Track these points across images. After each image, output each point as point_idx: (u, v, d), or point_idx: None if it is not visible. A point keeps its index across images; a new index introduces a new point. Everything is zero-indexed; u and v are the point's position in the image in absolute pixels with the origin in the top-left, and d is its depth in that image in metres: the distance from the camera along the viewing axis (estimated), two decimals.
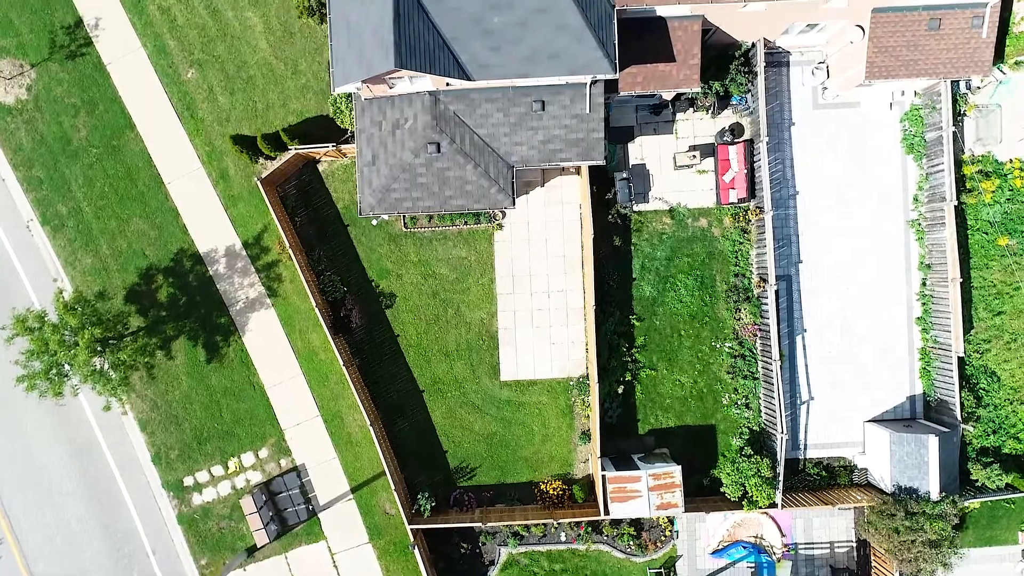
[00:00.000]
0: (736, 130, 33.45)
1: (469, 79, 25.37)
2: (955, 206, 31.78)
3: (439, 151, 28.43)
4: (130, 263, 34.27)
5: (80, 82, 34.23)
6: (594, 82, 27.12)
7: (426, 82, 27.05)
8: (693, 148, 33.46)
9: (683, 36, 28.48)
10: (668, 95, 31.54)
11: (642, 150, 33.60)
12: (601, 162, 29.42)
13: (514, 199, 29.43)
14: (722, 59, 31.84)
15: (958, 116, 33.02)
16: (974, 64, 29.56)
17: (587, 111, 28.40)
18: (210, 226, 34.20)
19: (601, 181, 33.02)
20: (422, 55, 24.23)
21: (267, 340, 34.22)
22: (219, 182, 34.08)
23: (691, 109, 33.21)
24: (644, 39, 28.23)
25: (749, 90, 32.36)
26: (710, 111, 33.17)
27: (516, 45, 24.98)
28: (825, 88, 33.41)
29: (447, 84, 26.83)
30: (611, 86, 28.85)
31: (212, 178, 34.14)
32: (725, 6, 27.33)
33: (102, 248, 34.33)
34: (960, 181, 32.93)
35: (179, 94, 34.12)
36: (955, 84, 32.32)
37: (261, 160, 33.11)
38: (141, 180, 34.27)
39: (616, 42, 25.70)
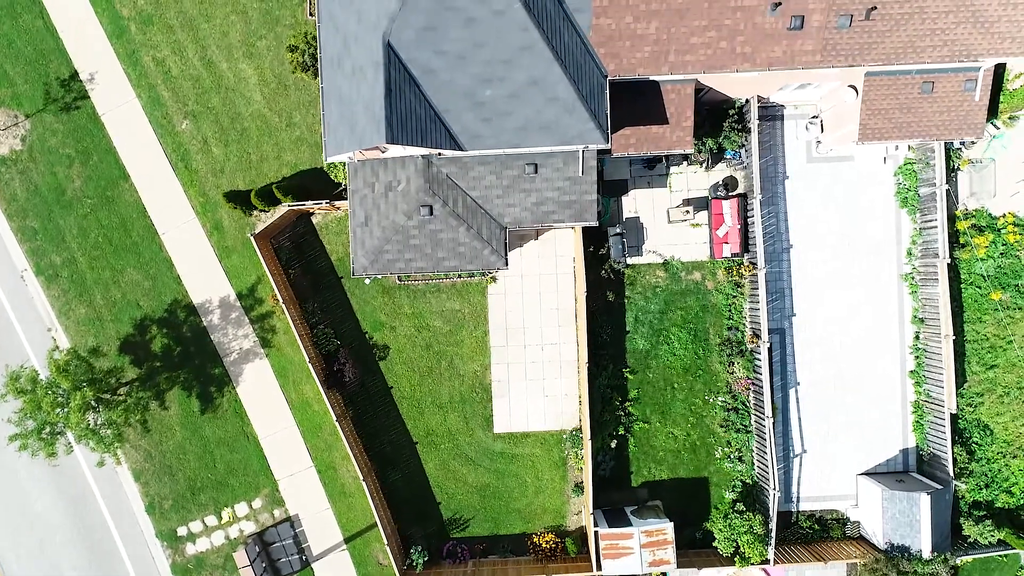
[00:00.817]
0: (730, 184, 33.47)
1: (461, 149, 25.39)
2: (948, 263, 31.80)
3: (432, 213, 28.45)
4: (124, 313, 34.30)
5: (75, 133, 34.26)
6: (586, 149, 27.11)
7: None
8: (687, 202, 33.49)
9: (676, 99, 28.48)
10: None
11: (636, 203, 33.62)
12: (594, 223, 29.45)
13: (507, 260, 29.45)
14: (716, 115, 31.87)
15: (952, 171, 33.07)
16: (967, 126, 29.56)
17: (580, 174, 28.41)
18: (204, 277, 34.23)
19: (595, 236, 33.04)
20: (414, 129, 24.25)
21: (261, 391, 34.26)
22: (213, 233, 34.10)
23: (685, 163, 33.25)
24: (637, 102, 28.23)
25: (743, 145, 32.39)
26: (704, 165, 33.19)
27: (508, 116, 25.00)
28: (819, 142, 33.43)
29: (439, 154, 26.85)
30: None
31: (206, 229, 34.16)
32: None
33: (96, 298, 34.36)
34: (953, 236, 32.97)
35: (173, 145, 34.14)
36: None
37: (255, 212, 33.13)
38: (135, 231, 34.30)
39: (608, 112, 25.72)
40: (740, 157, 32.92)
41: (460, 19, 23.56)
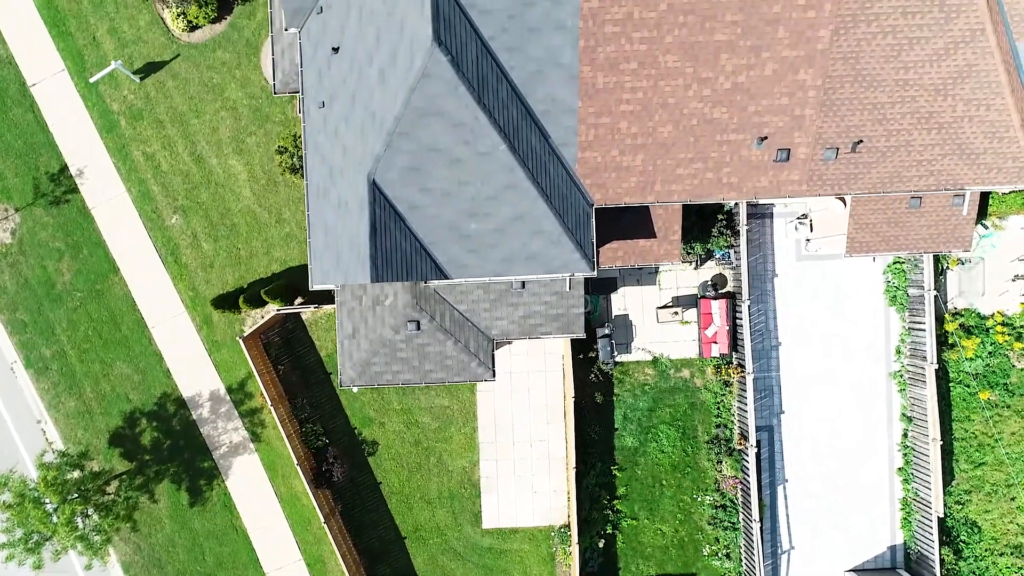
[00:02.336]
0: (719, 282, 33.51)
1: (447, 278, 25.43)
2: (935, 369, 31.85)
3: (419, 328, 28.50)
4: (114, 407, 34.37)
5: (64, 226, 34.29)
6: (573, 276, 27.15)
7: None
8: (676, 300, 33.53)
9: (663, 214, 28.53)
10: None
11: (625, 300, 33.65)
12: (581, 335, 29.53)
13: (494, 372, 29.53)
14: (705, 217, 31.87)
15: (940, 272, 33.09)
16: (955, 239, 29.62)
17: (567, 289, 28.46)
18: (194, 371, 34.28)
19: (584, 335, 33.02)
20: (399, 264, 24.30)
21: (250, 484, 34.33)
22: (203, 327, 34.14)
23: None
24: (624, 216, 28.28)
25: (732, 245, 32.40)
26: (694, 264, 33.22)
27: (494, 248, 25.05)
28: (808, 240, 33.44)
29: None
30: None
31: (196, 323, 34.20)
32: None
33: (86, 391, 34.42)
34: (942, 336, 32.99)
35: (163, 239, 34.18)
36: None
37: (244, 308, 33.17)
38: (125, 324, 34.35)
39: (594, 240, 25.76)
40: (729, 257, 32.94)
41: (445, 159, 23.60)
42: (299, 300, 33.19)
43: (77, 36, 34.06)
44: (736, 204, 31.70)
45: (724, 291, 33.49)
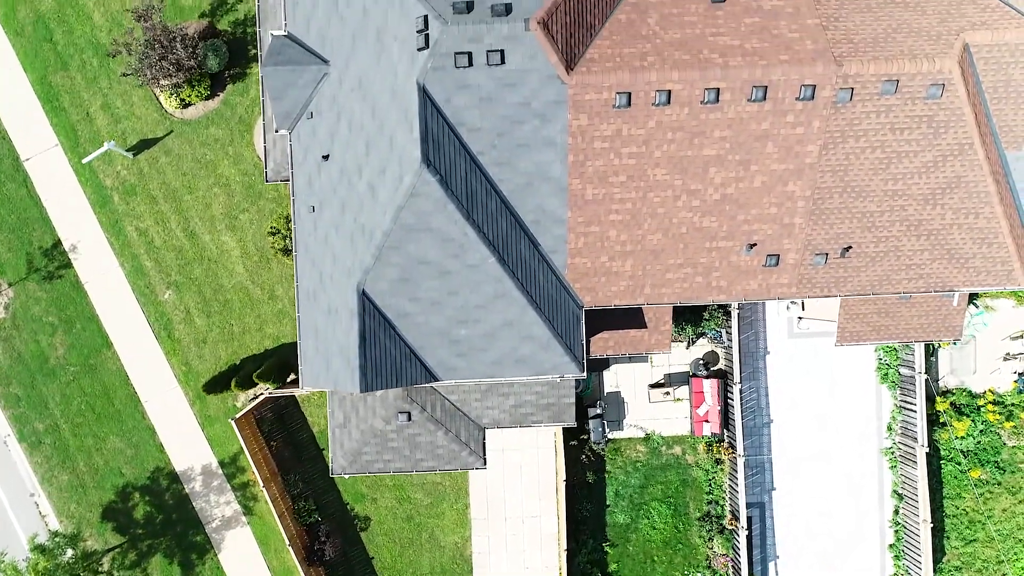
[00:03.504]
0: (711, 360, 33.57)
1: (437, 380, 25.48)
2: (927, 452, 31.90)
3: (410, 419, 28.58)
4: (107, 481, 34.43)
5: (58, 301, 34.33)
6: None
7: None
8: (668, 377, 33.60)
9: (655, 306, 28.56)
10: None
11: (617, 378, 33.71)
12: (572, 424, 29.62)
13: (485, 460, 29.61)
14: None
15: (932, 352, 33.12)
16: (945, 329, 29.68)
17: (558, 380, 28.51)
18: (187, 445, 34.35)
19: (576, 412, 33.07)
20: (389, 371, 24.35)
21: (243, 558, 34.39)
22: (196, 402, 34.20)
23: None
24: (615, 309, 28.29)
25: (723, 326, 32.46)
26: (686, 344, 33.27)
27: (484, 352, 25.09)
28: (800, 319, 33.50)
29: None
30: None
31: (189, 398, 34.26)
32: None
33: (79, 465, 34.48)
34: (934, 415, 33.04)
35: (156, 314, 34.22)
36: None
37: (236, 391, 33.21)
38: (118, 398, 34.40)
39: (584, 342, 25.79)
40: (721, 337, 33.00)
41: (434, 271, 23.64)
42: (291, 377, 33.24)
43: (71, 112, 34.08)
44: None
45: (716, 369, 33.56)
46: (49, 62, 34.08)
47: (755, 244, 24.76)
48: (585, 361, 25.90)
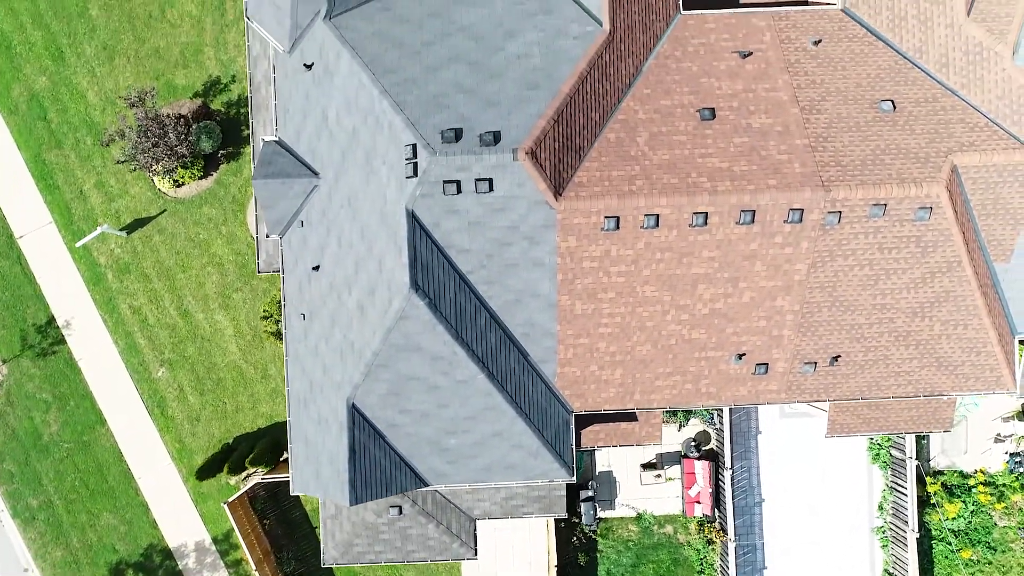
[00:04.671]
0: (702, 440, 33.66)
1: (426, 485, 25.58)
2: (918, 535, 32.01)
3: (401, 513, 28.67)
4: (100, 557, 34.53)
5: (51, 378, 34.42)
6: None
7: None
8: (660, 457, 33.69)
9: None
10: None
11: (609, 458, 33.80)
12: (563, 516, 29.73)
13: (476, 551, 29.71)
14: None
15: (923, 435, 33.20)
16: (936, 421, 29.75)
17: None
18: (180, 522, 34.46)
19: (568, 493, 33.21)
20: (379, 481, 24.45)
21: None
22: (189, 478, 34.29)
23: None
24: None
25: (716, 409, 32.57)
26: (677, 425, 33.37)
27: (474, 459, 25.19)
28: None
29: None
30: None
31: (182, 475, 34.37)
32: None
33: (73, 542, 34.59)
34: (925, 496, 33.12)
35: (150, 392, 34.32)
36: None
37: (228, 476, 33.31)
38: (112, 475, 34.51)
39: (573, 445, 25.88)
40: (713, 419, 33.09)
41: (423, 386, 23.72)
42: (284, 456, 33.30)
43: (64, 190, 34.15)
44: None
45: (707, 449, 33.65)
46: (43, 140, 34.15)
47: (744, 354, 24.83)
48: (575, 465, 25.98)
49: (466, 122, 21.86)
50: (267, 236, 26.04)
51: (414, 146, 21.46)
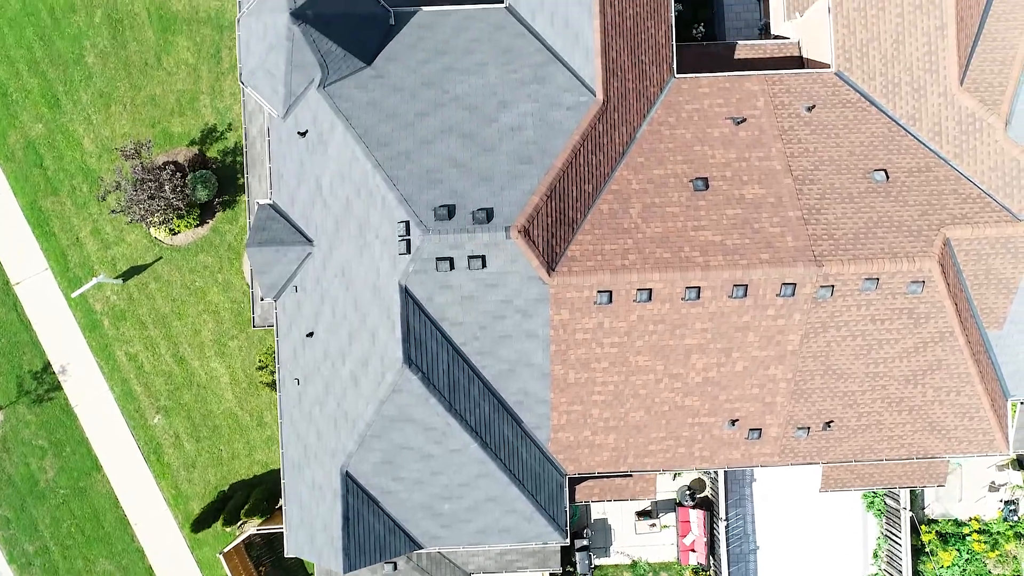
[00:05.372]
0: (697, 487, 33.74)
1: (420, 548, 25.64)
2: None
3: (396, 569, 28.73)
4: None
5: (48, 424, 34.48)
6: None
7: None
8: (655, 504, 33.76)
9: None
10: None
11: (604, 506, 33.85)
12: (558, 571, 29.79)
13: None
14: None
15: None
16: (930, 476, 29.82)
17: None
18: (176, 568, 34.51)
19: (561, 569, 33.27)
20: (373, 547, 24.51)
21: None
22: (185, 525, 34.35)
23: None
24: None
25: None
26: (672, 475, 33.43)
27: (467, 523, 25.25)
28: None
29: None
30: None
31: (178, 521, 34.43)
32: None
33: None
34: (919, 544, 33.20)
35: (146, 438, 34.37)
36: None
37: (223, 527, 33.35)
38: (108, 521, 34.58)
39: (567, 509, 25.94)
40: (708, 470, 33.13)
41: (417, 455, 23.79)
42: (279, 504, 33.36)
43: (60, 237, 34.20)
44: None
45: (702, 496, 33.73)
46: (39, 187, 34.19)
47: (737, 420, 24.90)
48: (568, 528, 26.04)
49: (459, 198, 21.90)
50: (262, 299, 26.06)
51: (407, 223, 21.51)
